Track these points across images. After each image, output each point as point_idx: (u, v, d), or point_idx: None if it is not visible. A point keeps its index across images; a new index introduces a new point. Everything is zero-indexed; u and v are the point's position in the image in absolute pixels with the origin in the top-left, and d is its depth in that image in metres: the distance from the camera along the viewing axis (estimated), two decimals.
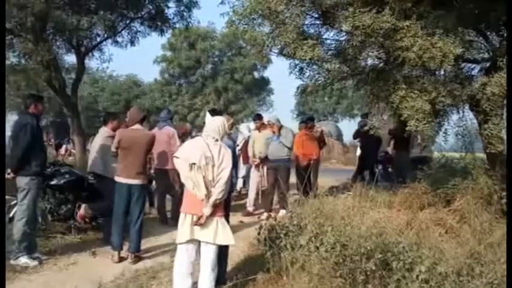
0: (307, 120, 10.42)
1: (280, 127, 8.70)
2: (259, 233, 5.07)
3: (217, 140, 4.25)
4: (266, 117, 9.38)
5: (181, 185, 5.97)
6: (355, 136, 12.51)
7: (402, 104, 5.28)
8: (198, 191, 4.08)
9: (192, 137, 6.10)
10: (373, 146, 11.36)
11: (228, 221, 4.53)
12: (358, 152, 13.17)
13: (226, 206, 4.61)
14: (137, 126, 6.07)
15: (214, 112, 5.20)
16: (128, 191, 5.87)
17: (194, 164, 4.08)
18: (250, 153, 9.28)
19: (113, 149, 6.06)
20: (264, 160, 8.89)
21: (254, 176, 9.30)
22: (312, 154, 9.50)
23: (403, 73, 5.51)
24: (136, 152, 5.89)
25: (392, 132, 10.69)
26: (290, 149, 8.74)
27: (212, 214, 4.11)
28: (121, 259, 5.87)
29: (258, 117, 9.45)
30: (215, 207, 4.12)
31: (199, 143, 4.24)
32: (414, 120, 5.17)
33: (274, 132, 8.62)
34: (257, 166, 9.14)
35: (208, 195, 4.07)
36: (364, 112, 14.04)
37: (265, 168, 9.00)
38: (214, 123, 4.37)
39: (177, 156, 4.24)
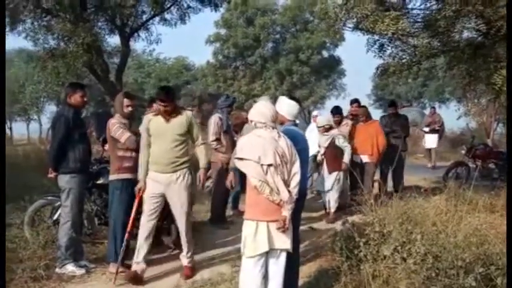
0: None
1: None
2: (333, 241, 5.08)
3: (278, 132, 4.13)
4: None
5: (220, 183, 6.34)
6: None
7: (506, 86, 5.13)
8: (273, 196, 3.95)
9: None
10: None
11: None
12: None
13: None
14: None
15: (292, 100, 4.83)
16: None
17: (271, 165, 3.94)
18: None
19: None
20: None
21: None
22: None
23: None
24: None
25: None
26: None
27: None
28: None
29: (337, 110, 9.08)
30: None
31: (266, 137, 4.04)
32: None
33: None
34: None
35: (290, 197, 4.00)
36: (391, 100, 13.02)
37: None
38: (266, 110, 4.14)
39: (241, 157, 4.05)
